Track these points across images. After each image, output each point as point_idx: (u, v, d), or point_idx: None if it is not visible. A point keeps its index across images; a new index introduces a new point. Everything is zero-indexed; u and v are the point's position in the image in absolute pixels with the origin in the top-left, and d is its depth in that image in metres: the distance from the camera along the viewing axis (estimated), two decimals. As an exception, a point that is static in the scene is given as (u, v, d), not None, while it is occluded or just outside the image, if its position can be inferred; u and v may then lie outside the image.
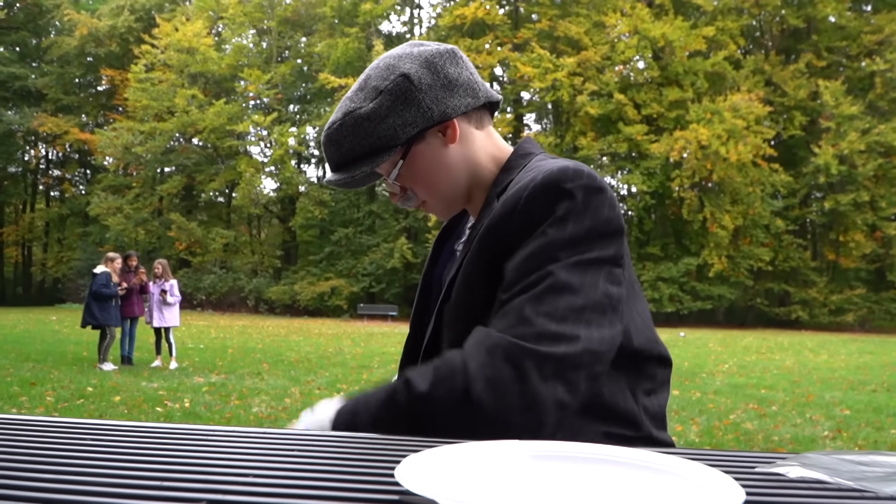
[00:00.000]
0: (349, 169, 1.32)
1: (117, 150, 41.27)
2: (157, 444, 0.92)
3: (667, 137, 34.24)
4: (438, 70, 1.30)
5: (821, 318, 33.45)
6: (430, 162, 1.33)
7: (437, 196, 1.37)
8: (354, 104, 1.30)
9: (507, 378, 1.05)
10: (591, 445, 0.81)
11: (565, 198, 1.15)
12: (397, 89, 1.27)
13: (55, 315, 28.47)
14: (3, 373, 10.23)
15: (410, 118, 1.28)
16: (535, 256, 1.13)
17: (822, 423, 7.59)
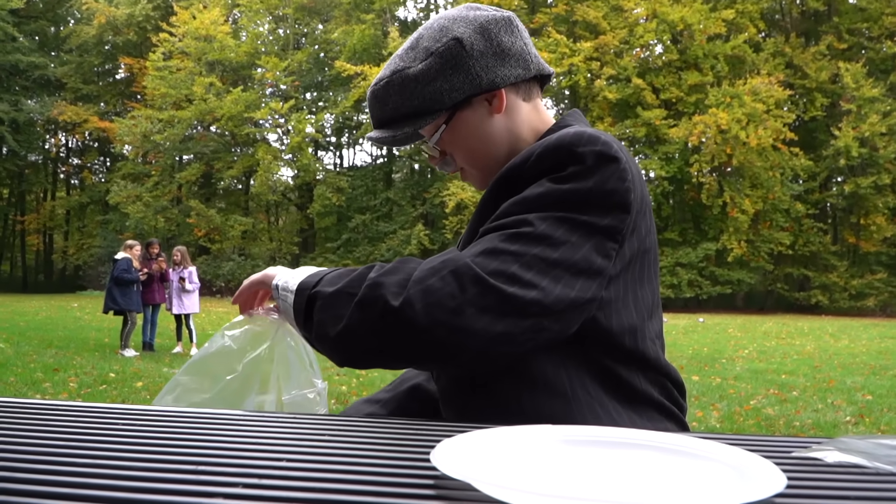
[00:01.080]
0: (391, 127, 1.32)
1: (136, 138, 41.41)
2: (194, 429, 0.93)
3: (686, 122, 33.99)
4: (492, 37, 1.28)
5: (841, 303, 33.17)
6: (472, 130, 1.31)
7: (475, 164, 1.36)
8: (403, 63, 1.29)
9: (445, 292, 1.03)
10: (626, 430, 0.80)
11: (574, 160, 1.12)
12: (448, 53, 1.26)
13: (76, 302, 28.70)
14: (26, 359, 10.33)
15: (458, 83, 1.27)
16: (526, 201, 1.12)
17: (844, 409, 7.54)
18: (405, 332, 1.03)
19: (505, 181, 1.20)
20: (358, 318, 1.07)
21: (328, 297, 1.12)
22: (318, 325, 1.13)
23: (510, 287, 1.03)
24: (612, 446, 0.77)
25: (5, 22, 41.40)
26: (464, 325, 1.02)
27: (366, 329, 1.06)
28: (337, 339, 1.10)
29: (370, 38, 39.79)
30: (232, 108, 39.49)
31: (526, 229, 1.08)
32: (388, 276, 1.07)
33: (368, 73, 36.76)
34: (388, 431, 0.94)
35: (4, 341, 12.67)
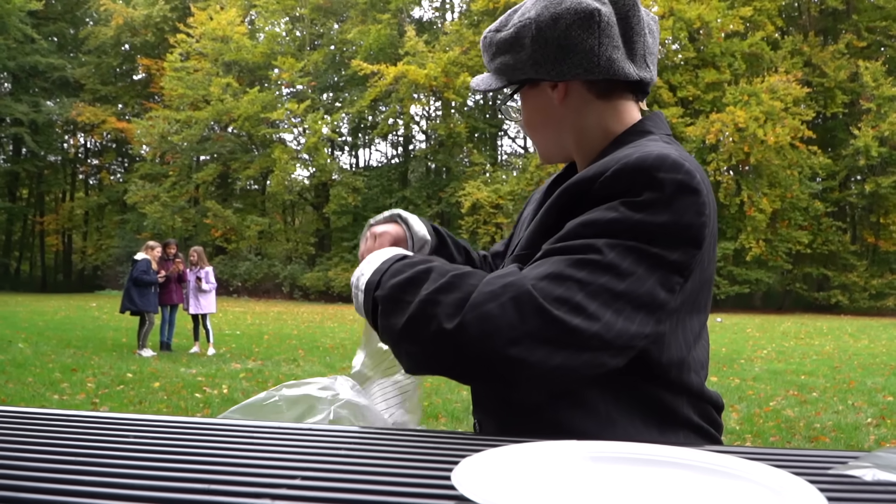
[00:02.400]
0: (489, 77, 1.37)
1: (154, 138, 41.66)
2: (207, 441, 0.91)
3: (703, 120, 33.80)
4: (563, 29, 1.23)
5: (861, 303, 32.88)
6: (535, 109, 1.35)
7: (535, 140, 1.40)
8: (501, 24, 1.33)
9: (504, 320, 0.96)
10: (654, 446, 0.77)
11: (653, 187, 1.05)
12: (521, 31, 1.27)
13: (95, 301, 28.89)
14: (45, 359, 10.40)
15: (520, 63, 1.29)
16: (596, 225, 1.06)
17: (865, 410, 7.46)
18: (457, 356, 0.99)
19: (572, 193, 1.15)
20: (411, 333, 1.03)
21: (385, 301, 1.09)
22: (381, 327, 1.11)
23: (573, 319, 0.97)
24: (641, 463, 0.74)
25: (24, 24, 41.75)
26: (520, 357, 0.96)
27: (418, 346, 1.03)
28: (396, 350, 1.09)
29: (386, 37, 39.84)
30: (248, 109, 39.65)
31: (594, 256, 1.02)
32: (444, 294, 1.01)
33: (385, 73, 36.80)
34: (410, 445, 0.92)
35: (24, 341, 12.77)
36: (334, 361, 11.26)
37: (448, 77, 36.86)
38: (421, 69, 36.62)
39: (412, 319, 1.02)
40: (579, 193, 1.14)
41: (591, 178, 1.12)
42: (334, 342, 14.60)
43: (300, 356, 11.90)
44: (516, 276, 1.01)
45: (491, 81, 1.34)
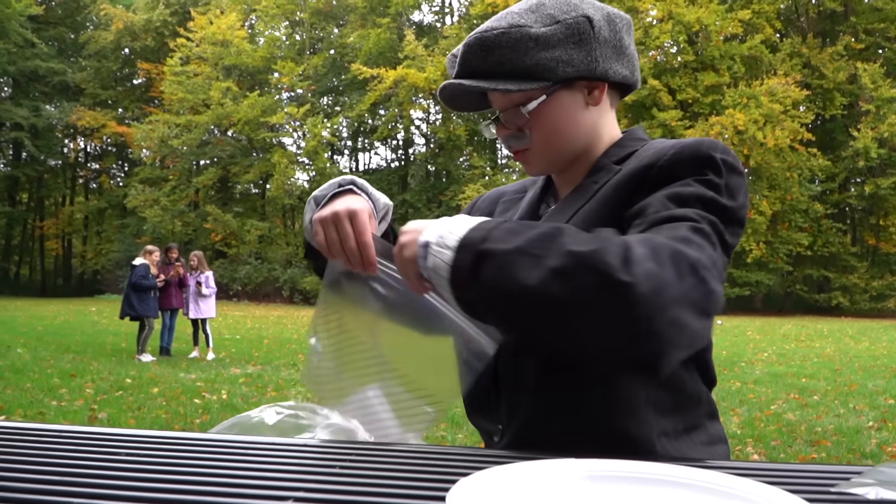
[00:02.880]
0: (488, 79, 1.23)
1: (154, 142, 41.68)
2: (197, 456, 0.89)
3: (702, 123, 33.81)
4: (616, 30, 1.26)
5: (861, 305, 32.87)
6: (564, 113, 1.27)
7: (551, 149, 1.30)
8: (524, 21, 1.22)
9: (667, 278, 0.92)
10: (652, 464, 0.76)
11: (713, 167, 1.12)
12: (576, 26, 1.22)
13: (95, 306, 28.88)
14: (44, 364, 10.38)
15: (576, 60, 1.23)
16: (681, 197, 1.08)
17: (867, 414, 7.44)
18: (625, 314, 0.91)
19: (629, 182, 1.18)
20: (560, 284, 0.93)
21: (506, 255, 0.98)
22: (489, 289, 0.99)
23: (713, 283, 0.97)
24: (638, 482, 0.73)
25: (24, 28, 41.79)
26: (678, 318, 0.92)
27: (568, 298, 0.93)
28: (516, 304, 0.97)
29: (386, 41, 39.89)
30: (248, 113, 39.69)
31: (699, 225, 1.03)
32: (600, 247, 0.95)
33: (385, 76, 36.82)
34: (407, 462, 0.90)
35: (22, 346, 12.75)
36: (334, 366, 11.22)
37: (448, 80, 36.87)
38: (420, 73, 36.66)
39: (563, 273, 0.94)
40: (635, 182, 1.16)
41: (646, 167, 1.16)
42: (334, 346, 14.56)
43: (300, 361, 11.88)
44: (659, 237, 0.99)
45: (518, 82, 1.22)
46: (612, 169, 1.26)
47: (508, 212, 1.46)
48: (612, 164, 1.27)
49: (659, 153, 1.17)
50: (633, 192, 1.16)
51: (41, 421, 6.43)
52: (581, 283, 0.92)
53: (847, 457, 5.57)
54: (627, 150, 1.29)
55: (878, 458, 5.48)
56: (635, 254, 0.93)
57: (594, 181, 1.27)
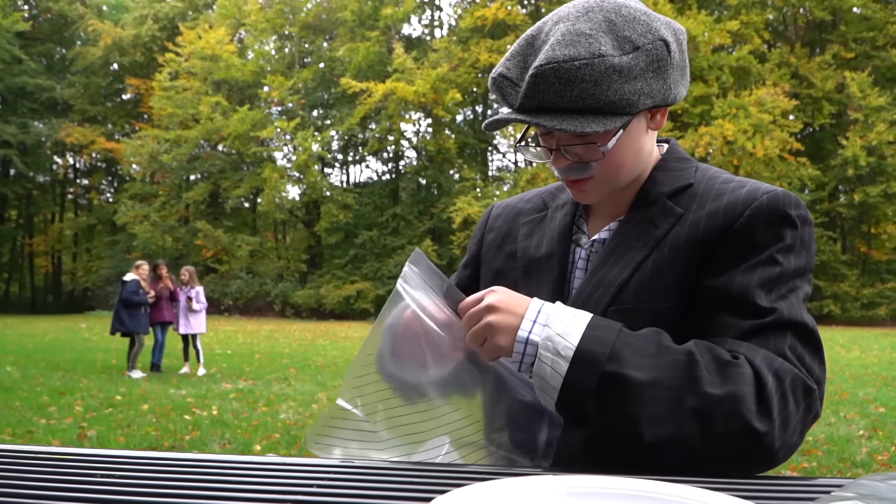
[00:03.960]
0: (564, 115, 1.11)
1: (143, 158, 41.61)
2: (163, 478, 0.88)
3: (692, 133, 33.94)
4: (683, 49, 1.20)
5: (852, 313, 32.97)
6: (631, 141, 1.19)
7: (614, 178, 1.22)
8: (604, 48, 1.09)
9: (791, 412, 1.02)
10: (630, 480, 0.75)
11: (791, 225, 1.12)
12: (656, 53, 1.12)
13: (84, 323, 28.75)
14: (33, 382, 10.32)
15: (655, 90, 1.14)
16: (774, 282, 1.09)
17: (857, 422, 7.46)
18: (759, 454, 1.00)
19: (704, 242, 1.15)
20: (698, 431, 0.97)
21: (641, 387, 0.98)
22: (618, 417, 0.99)
23: (819, 404, 1.07)
24: (615, 498, 0.72)
25: (12, 45, 41.71)
26: (795, 443, 1.04)
27: (703, 441, 0.97)
28: (654, 444, 0.98)
29: (375, 54, 39.95)
30: (238, 127, 39.66)
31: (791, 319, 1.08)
32: (735, 386, 0.99)
33: (374, 90, 36.88)
34: (385, 479, 0.90)
35: (12, 364, 12.67)
36: (326, 380, 11.21)
37: (437, 93, 36.97)
38: (410, 86, 36.72)
39: (701, 418, 0.98)
40: (710, 243, 1.14)
41: (722, 228, 1.14)
42: (326, 360, 14.54)
43: (291, 375, 11.85)
44: (777, 360, 1.04)
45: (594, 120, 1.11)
46: (670, 209, 1.20)
47: (534, 236, 1.37)
48: (666, 199, 1.22)
49: (731, 212, 1.14)
50: (707, 255, 1.14)
51: (30, 439, 6.38)
52: (720, 430, 0.97)
53: (838, 465, 5.58)
54: (679, 180, 1.24)
55: (869, 467, 5.48)
56: (768, 394, 0.99)
57: (650, 221, 1.20)
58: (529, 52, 1.16)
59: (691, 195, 1.21)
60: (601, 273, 1.20)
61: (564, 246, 1.31)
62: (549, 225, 1.36)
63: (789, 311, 1.07)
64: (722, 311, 1.10)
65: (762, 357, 1.03)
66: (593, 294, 1.19)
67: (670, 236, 1.17)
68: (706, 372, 0.99)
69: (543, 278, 1.29)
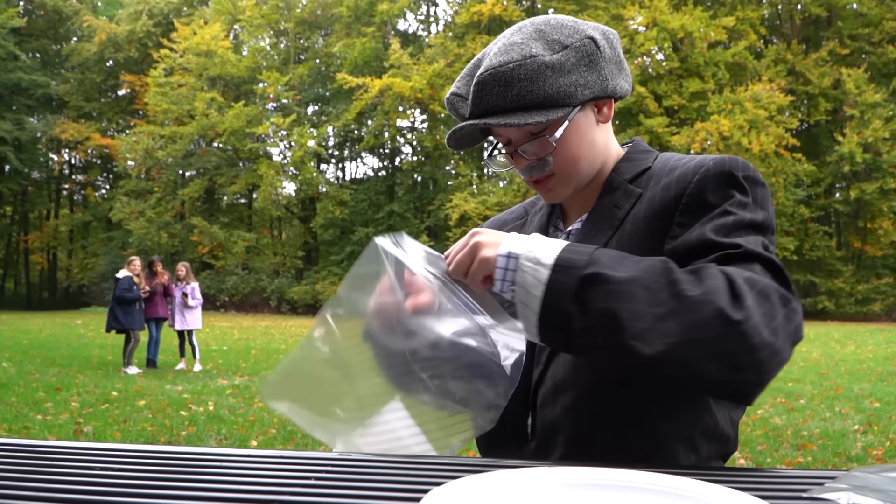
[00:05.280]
0: (509, 114, 1.21)
1: (138, 154, 41.53)
2: (165, 470, 0.88)
3: (688, 129, 33.98)
4: (615, 46, 1.28)
5: (847, 308, 33.06)
6: (582, 133, 1.27)
7: (573, 170, 1.29)
8: (535, 50, 1.20)
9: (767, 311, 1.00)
10: (628, 472, 0.76)
11: (738, 186, 1.16)
12: (584, 49, 1.22)
13: (80, 319, 28.70)
14: (29, 378, 10.30)
15: (591, 81, 1.23)
16: (731, 227, 1.12)
17: (852, 417, 7.48)
18: (742, 353, 0.98)
19: (661, 212, 1.20)
20: (676, 324, 0.97)
21: (620, 284, 1.00)
22: (598, 315, 1.00)
23: (799, 313, 1.05)
24: (611, 489, 0.73)
25: (6, 41, 41.58)
26: (779, 349, 1.01)
27: (685, 337, 0.97)
28: (632, 338, 0.98)
29: (371, 50, 39.91)
30: (234, 123, 39.60)
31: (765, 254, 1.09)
32: (709, 284, 1.00)
33: (370, 86, 36.84)
34: (380, 471, 0.90)
35: (7, 360, 12.65)
36: (322, 376, 11.18)
37: (433, 89, 36.95)
38: (406, 81, 36.70)
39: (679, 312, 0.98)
40: (667, 213, 1.19)
41: (675, 198, 1.19)
42: (322, 356, 14.52)
43: (287, 371, 11.82)
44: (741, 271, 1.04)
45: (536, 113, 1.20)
46: (630, 191, 1.27)
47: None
48: (627, 184, 1.28)
49: (682, 180, 1.19)
50: (665, 224, 1.18)
51: (26, 435, 6.38)
52: (697, 321, 0.97)
53: (833, 460, 5.60)
54: (639, 167, 1.30)
55: (864, 462, 5.50)
56: (740, 289, 0.99)
57: (615, 205, 1.27)
58: (473, 71, 1.28)
59: (649, 176, 1.28)
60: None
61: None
62: (529, 227, 1.45)
63: (754, 247, 1.09)
64: (687, 261, 1.11)
65: (733, 269, 1.05)
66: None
67: (631, 215, 1.24)
68: (682, 275, 1.02)
69: None
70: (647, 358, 0.98)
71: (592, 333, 1.01)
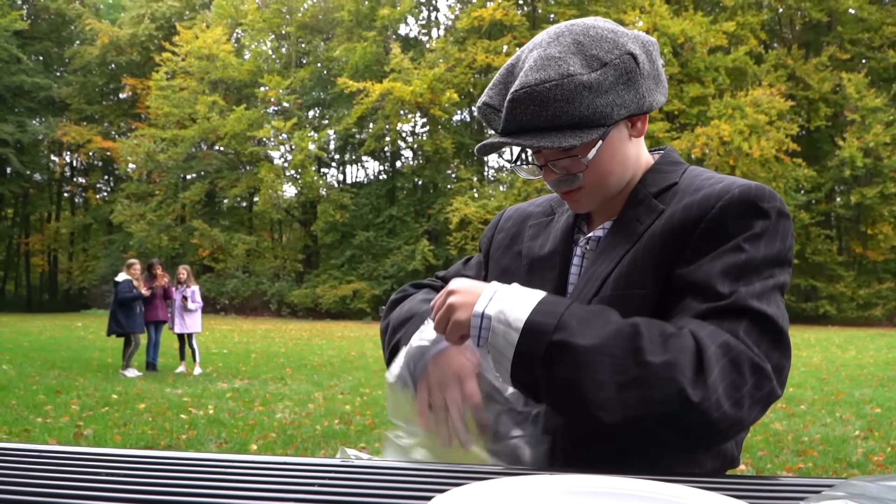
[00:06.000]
0: (542, 133, 1.19)
1: (140, 157, 41.55)
2: (164, 475, 0.89)
3: (688, 134, 33.98)
4: (654, 59, 1.26)
5: (848, 313, 33.01)
6: (614, 150, 1.26)
7: (602, 186, 1.29)
8: (573, 68, 1.17)
9: (731, 381, 1.02)
10: (628, 480, 0.77)
11: (761, 216, 1.16)
12: (623, 67, 1.19)
13: (81, 321, 28.70)
14: (29, 381, 10.31)
15: (628, 100, 1.21)
16: (738, 269, 1.13)
17: (853, 423, 7.48)
18: (699, 427, 1.03)
19: (678, 232, 1.19)
20: (637, 396, 1.01)
21: (586, 354, 1.03)
22: (563, 384, 1.05)
23: (776, 386, 1.07)
24: (614, 498, 0.74)
25: (9, 43, 41.63)
26: (742, 418, 1.04)
27: (645, 410, 1.01)
28: (595, 408, 1.02)
29: (372, 54, 39.93)
30: (235, 127, 39.61)
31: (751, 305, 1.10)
32: (674, 355, 1.03)
33: (371, 90, 36.86)
34: (384, 478, 0.91)
35: (8, 362, 12.66)
36: (322, 379, 11.21)
37: (434, 93, 36.97)
38: (407, 86, 36.71)
39: (641, 384, 1.02)
40: (684, 234, 1.18)
41: (695, 219, 1.18)
42: (322, 360, 14.54)
43: (287, 374, 11.85)
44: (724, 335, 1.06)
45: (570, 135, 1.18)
46: (654, 206, 1.26)
47: (539, 237, 1.45)
48: (652, 198, 1.27)
49: (705, 204, 1.18)
50: (681, 245, 1.18)
51: (26, 438, 6.38)
52: (657, 396, 1.00)
53: (833, 466, 5.60)
54: (666, 181, 1.29)
55: (865, 468, 5.50)
56: (706, 363, 1.02)
57: (636, 219, 1.27)
58: (509, 80, 1.24)
59: (674, 192, 1.27)
60: (591, 270, 1.28)
61: (566, 245, 1.38)
62: (554, 227, 1.44)
63: (749, 297, 1.10)
64: (686, 296, 1.15)
65: (708, 332, 1.07)
66: (583, 290, 1.26)
67: (650, 230, 1.23)
68: (648, 342, 1.04)
69: (545, 275, 1.37)
70: (610, 426, 1.03)
71: (558, 398, 1.07)
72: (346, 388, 10.19)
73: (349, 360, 14.72)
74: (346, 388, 10.19)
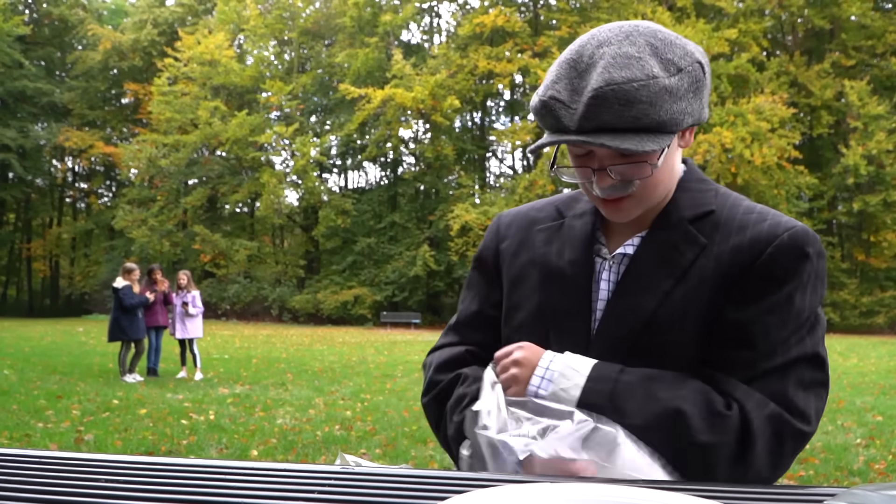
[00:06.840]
0: (621, 134, 1.13)
1: (141, 162, 41.65)
2: (165, 482, 0.89)
3: (690, 141, 33.99)
4: (708, 72, 1.23)
5: (851, 320, 32.99)
6: (669, 160, 1.23)
7: (652, 196, 1.25)
8: (655, 70, 1.13)
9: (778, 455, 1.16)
10: (630, 489, 0.76)
11: (807, 261, 1.19)
12: (695, 75, 1.16)
13: (82, 326, 28.71)
14: (30, 386, 10.30)
15: (695, 109, 1.19)
16: (788, 322, 1.18)
17: (855, 431, 7.46)
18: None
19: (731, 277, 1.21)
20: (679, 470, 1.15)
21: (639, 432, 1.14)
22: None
23: (808, 427, 1.18)
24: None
25: (12, 49, 41.75)
26: (778, 475, 1.20)
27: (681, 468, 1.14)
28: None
29: (374, 60, 40.02)
30: (237, 132, 39.69)
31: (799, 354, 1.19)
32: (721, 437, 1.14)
33: (373, 96, 36.91)
34: (385, 486, 0.90)
35: (9, 367, 12.66)
36: (323, 385, 11.20)
37: (435, 100, 37.02)
38: (408, 92, 36.77)
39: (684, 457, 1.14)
40: (736, 278, 1.20)
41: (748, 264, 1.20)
42: (323, 365, 14.53)
43: (288, 380, 11.84)
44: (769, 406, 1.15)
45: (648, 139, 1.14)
46: (694, 237, 1.23)
47: (553, 243, 1.37)
48: (688, 224, 1.25)
49: (755, 247, 1.20)
50: (731, 287, 1.20)
51: (27, 443, 6.38)
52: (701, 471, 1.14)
53: (835, 474, 5.58)
54: (700, 205, 1.27)
55: (866, 476, 5.49)
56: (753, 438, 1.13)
57: (674, 247, 1.24)
58: (574, 76, 1.17)
59: (713, 224, 1.24)
60: (630, 299, 1.24)
61: (587, 255, 1.32)
62: (568, 233, 1.37)
63: (799, 349, 1.18)
64: (735, 347, 1.18)
65: (755, 402, 1.15)
66: (623, 319, 1.24)
67: (696, 267, 1.21)
68: (696, 420, 1.13)
69: (567, 286, 1.31)
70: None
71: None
72: (346, 394, 10.18)
73: (350, 365, 14.71)
74: (347, 394, 10.18)
